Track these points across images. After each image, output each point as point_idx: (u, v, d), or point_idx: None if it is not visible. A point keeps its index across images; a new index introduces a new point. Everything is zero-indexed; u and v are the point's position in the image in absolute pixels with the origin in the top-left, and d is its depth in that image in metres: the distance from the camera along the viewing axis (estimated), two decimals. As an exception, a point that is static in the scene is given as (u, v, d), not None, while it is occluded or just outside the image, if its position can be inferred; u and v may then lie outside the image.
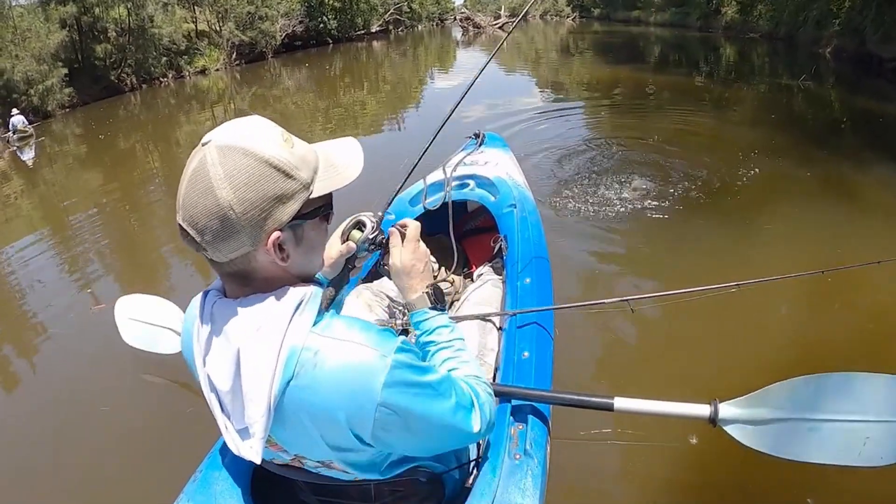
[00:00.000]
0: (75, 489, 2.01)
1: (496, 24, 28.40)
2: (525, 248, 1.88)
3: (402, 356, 0.74)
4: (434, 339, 0.93)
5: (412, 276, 0.95)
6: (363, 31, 27.58)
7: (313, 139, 0.77)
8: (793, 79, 8.77)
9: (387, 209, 1.48)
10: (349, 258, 0.96)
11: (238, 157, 0.67)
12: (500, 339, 1.55)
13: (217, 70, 18.85)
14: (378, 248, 0.99)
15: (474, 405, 0.83)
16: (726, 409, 1.15)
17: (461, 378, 0.86)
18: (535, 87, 10.81)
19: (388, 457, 0.85)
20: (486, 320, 1.61)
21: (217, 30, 19.59)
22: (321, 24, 24.59)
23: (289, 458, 0.86)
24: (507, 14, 31.67)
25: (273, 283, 0.74)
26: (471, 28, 30.61)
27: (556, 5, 39.34)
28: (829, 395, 1.06)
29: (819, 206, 3.71)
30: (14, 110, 10.47)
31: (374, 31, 28.64)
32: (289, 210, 0.71)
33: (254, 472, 1.07)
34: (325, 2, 24.78)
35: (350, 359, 0.72)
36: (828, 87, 8.62)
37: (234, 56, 19.81)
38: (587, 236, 3.45)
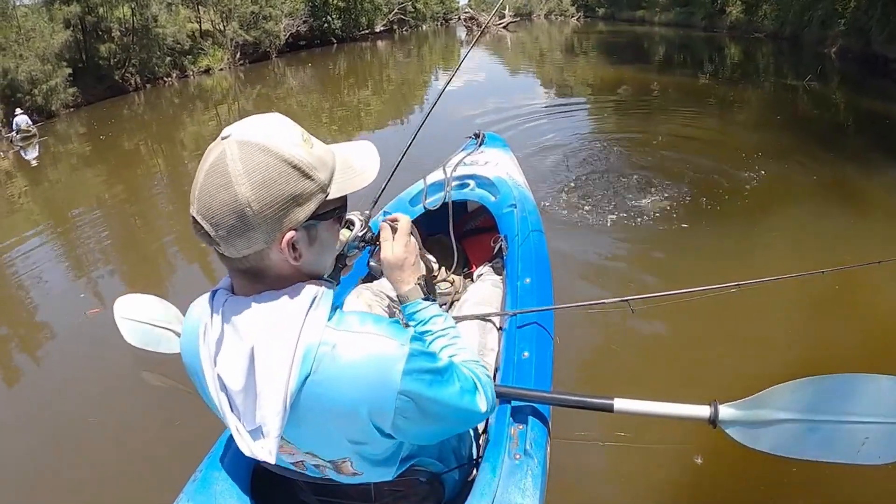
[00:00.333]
0: (75, 489, 2.02)
1: (500, 24, 28.38)
2: (525, 248, 1.87)
3: (416, 344, 0.76)
4: (430, 329, 0.95)
5: (404, 268, 0.97)
6: (367, 31, 27.61)
7: (318, 139, 0.77)
8: (798, 79, 8.73)
9: (384, 209, 1.49)
10: (339, 257, 0.96)
11: (258, 153, 0.67)
12: (500, 339, 1.55)
13: (221, 70, 18.90)
14: (368, 244, 1.00)
15: (477, 387, 0.86)
16: (726, 411, 1.15)
17: (461, 363, 0.87)
18: (539, 87, 10.80)
19: (399, 450, 0.86)
20: (486, 320, 1.61)
21: (221, 29, 19.63)
22: (325, 24, 24.65)
23: (293, 460, 0.86)
24: (512, 14, 31.67)
25: (284, 281, 0.74)
26: (475, 28, 30.61)
27: (560, 5, 39.39)
28: (828, 396, 1.07)
29: (823, 209, 3.69)
30: (18, 110, 10.47)
31: (378, 30, 28.68)
32: (305, 211, 0.71)
33: (254, 472, 1.07)
34: (330, 1, 24.82)
35: (370, 350, 0.72)
36: (833, 88, 8.57)
37: (237, 56, 19.87)
38: (587, 236, 3.44)
